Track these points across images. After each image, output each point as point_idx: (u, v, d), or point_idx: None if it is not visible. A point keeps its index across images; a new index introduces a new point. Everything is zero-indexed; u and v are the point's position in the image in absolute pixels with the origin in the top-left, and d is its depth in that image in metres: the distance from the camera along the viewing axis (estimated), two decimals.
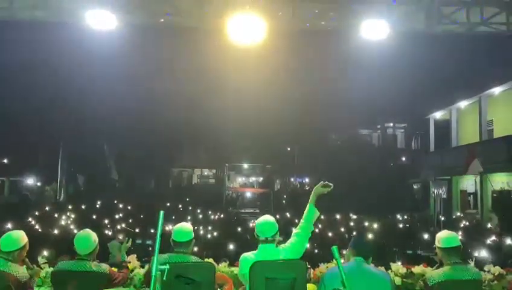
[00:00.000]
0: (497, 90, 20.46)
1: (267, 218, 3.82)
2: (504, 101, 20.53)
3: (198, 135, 36.21)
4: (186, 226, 3.81)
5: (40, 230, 12.02)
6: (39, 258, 5.46)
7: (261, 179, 37.53)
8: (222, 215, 18.15)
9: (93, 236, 3.80)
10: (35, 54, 24.59)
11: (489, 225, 15.32)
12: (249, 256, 3.68)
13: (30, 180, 29.67)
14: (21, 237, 3.82)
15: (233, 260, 5.77)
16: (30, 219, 14.13)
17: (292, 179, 38.13)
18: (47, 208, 18.31)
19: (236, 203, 31.15)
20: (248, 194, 34.98)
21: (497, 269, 5.38)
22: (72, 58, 25.92)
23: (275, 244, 3.72)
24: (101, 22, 8.06)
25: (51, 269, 5.31)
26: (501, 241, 10.96)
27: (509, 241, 10.60)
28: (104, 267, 3.73)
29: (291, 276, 3.39)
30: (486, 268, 5.39)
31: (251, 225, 14.47)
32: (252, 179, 38.45)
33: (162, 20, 9.36)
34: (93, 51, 19.07)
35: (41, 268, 5.43)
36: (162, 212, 2.45)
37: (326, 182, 3.98)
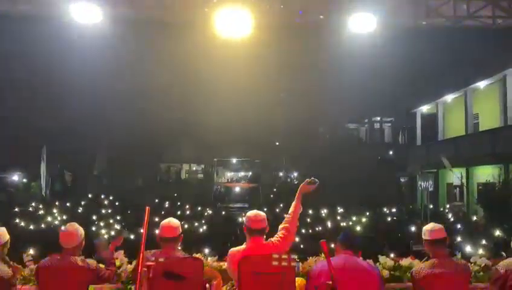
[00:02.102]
0: (482, 84, 20.68)
1: (258, 211, 3.82)
2: (489, 95, 20.77)
3: (187, 130, 36.00)
4: (174, 221, 3.77)
5: (29, 227, 11.85)
6: (24, 256, 5.37)
7: (249, 173, 37.50)
8: (211, 211, 18.11)
9: (79, 230, 3.74)
10: (18, 48, 24.15)
11: (474, 217, 15.54)
12: (237, 251, 3.66)
13: (15, 177, 29.23)
14: (2, 233, 3.74)
15: (222, 255, 5.76)
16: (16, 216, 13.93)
17: (281, 174, 38.20)
18: (33, 204, 18.08)
19: (225, 198, 31.11)
20: (237, 189, 34.94)
21: (483, 261, 5.44)
22: (57, 52, 25.52)
23: (263, 238, 3.71)
24: (86, 16, 7.93)
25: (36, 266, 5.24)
26: (488, 233, 11.12)
27: (496, 233, 10.77)
28: (91, 262, 3.68)
29: (279, 270, 3.38)
30: (472, 260, 5.44)
31: (240, 219, 14.49)
32: (241, 173, 38.39)
33: (148, 13, 9.24)
34: (79, 45, 18.78)
35: (25, 266, 5.35)
36: (147, 208, 2.41)
37: (312, 178, 4.03)
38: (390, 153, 34.77)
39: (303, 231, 11.38)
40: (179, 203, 20.23)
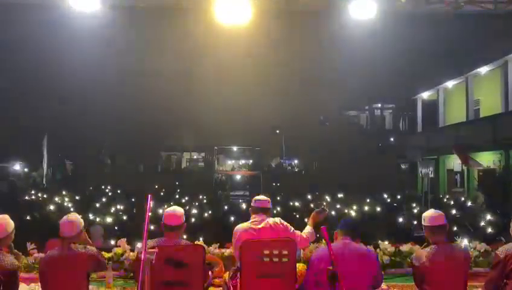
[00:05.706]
0: (483, 69, 20.55)
1: (263, 196, 4.21)
2: (490, 81, 20.66)
3: (187, 118, 35.90)
4: (178, 210, 3.79)
5: (31, 216, 11.88)
6: (28, 245, 5.40)
7: (250, 161, 37.54)
8: (212, 198, 18.16)
9: (79, 220, 3.73)
10: (16, 37, 24.00)
11: (475, 203, 15.58)
12: (243, 227, 3.90)
13: (16, 166, 29.30)
14: (8, 223, 3.71)
15: (223, 243, 5.81)
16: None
17: (281, 161, 38.24)
18: (34, 193, 18.14)
19: (225, 186, 31.19)
20: (238, 176, 35.04)
21: (482, 246, 5.48)
22: (57, 41, 25.35)
23: (267, 215, 4.00)
24: (84, 4, 7.86)
25: (41, 254, 5.28)
26: (487, 219, 11.16)
27: (496, 218, 10.82)
28: (91, 248, 3.67)
29: (282, 255, 3.43)
30: (472, 245, 5.48)
31: (242, 206, 14.59)
32: (242, 161, 38.44)
33: (147, 0, 9.16)
34: (78, 33, 18.64)
35: (30, 254, 5.39)
36: (149, 195, 2.42)
37: (322, 207, 4.41)
38: (391, 139, 34.73)
39: (303, 217, 11.42)
40: (178, 191, 20.29)
